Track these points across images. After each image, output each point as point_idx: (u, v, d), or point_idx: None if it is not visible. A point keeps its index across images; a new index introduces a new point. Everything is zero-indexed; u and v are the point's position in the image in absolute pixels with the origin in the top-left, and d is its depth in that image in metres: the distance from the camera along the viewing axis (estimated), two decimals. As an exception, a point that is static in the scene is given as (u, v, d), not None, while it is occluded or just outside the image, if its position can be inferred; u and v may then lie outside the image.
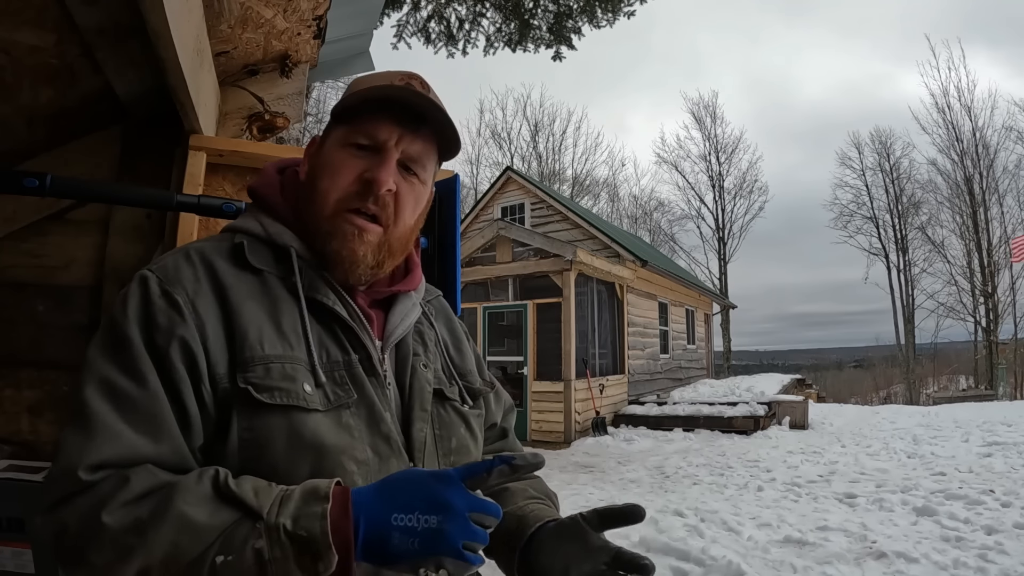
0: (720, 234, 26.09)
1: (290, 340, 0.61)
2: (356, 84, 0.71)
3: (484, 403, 0.82)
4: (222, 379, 0.58)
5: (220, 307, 0.60)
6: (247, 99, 1.69)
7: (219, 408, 0.58)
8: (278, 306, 0.63)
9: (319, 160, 0.69)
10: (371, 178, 0.65)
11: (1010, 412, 9.27)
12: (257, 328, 0.60)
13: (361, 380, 0.64)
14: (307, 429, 0.58)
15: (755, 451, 6.85)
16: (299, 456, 0.57)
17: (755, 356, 47.68)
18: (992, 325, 20.40)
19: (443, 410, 0.72)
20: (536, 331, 8.91)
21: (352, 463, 0.60)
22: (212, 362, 0.57)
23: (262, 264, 0.65)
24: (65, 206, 1.40)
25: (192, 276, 0.61)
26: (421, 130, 0.68)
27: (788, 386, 11.80)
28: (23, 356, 1.34)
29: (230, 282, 0.62)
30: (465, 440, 0.73)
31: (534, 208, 12.12)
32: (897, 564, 3.15)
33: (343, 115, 0.69)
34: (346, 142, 0.67)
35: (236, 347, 0.59)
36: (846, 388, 24.94)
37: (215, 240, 0.69)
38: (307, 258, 0.67)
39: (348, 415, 0.61)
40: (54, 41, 1.12)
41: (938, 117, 22.02)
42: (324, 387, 0.61)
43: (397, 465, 0.63)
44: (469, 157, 28.63)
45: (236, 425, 0.57)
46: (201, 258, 0.63)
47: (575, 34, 5.22)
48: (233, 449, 0.57)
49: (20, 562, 1.06)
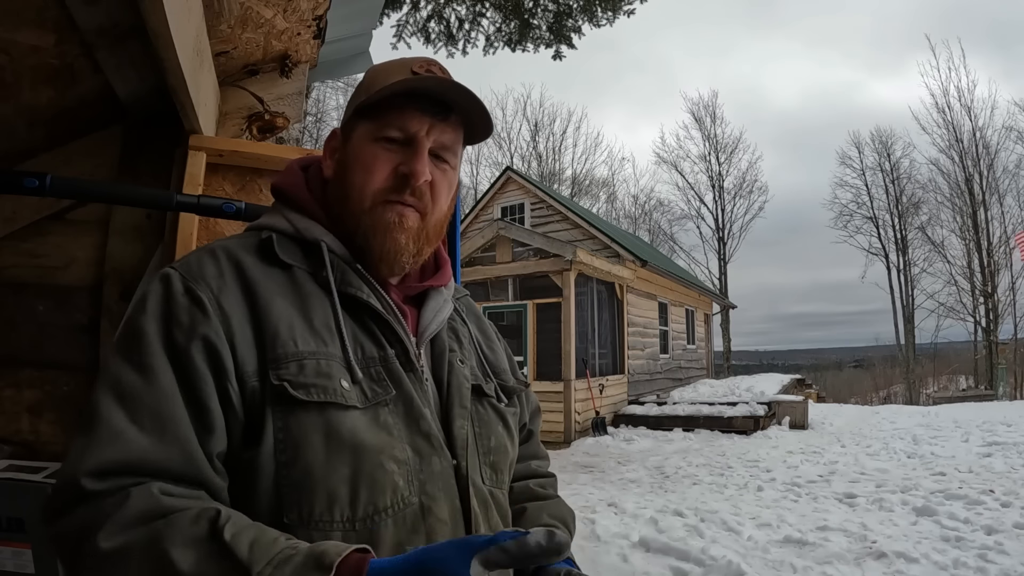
0: (720, 234, 26.10)
1: (323, 336, 0.59)
2: (377, 76, 0.69)
3: (518, 402, 0.81)
4: (251, 377, 0.55)
5: (248, 304, 0.58)
6: (247, 99, 1.69)
7: (249, 409, 0.55)
8: (309, 302, 0.61)
9: (348, 156, 0.68)
10: (408, 171, 0.65)
11: (1010, 412, 9.27)
12: (288, 324, 0.58)
13: (399, 375, 0.62)
14: (345, 428, 0.55)
15: (755, 451, 6.85)
16: (337, 456, 0.55)
17: (755, 356, 47.71)
18: (992, 325, 20.40)
19: (481, 407, 0.70)
20: (536, 331, 8.91)
21: (392, 463, 0.57)
22: (240, 360, 0.55)
23: (292, 259, 0.64)
24: (65, 206, 1.40)
25: (216, 272, 0.59)
26: (449, 118, 0.68)
27: (788, 386, 11.79)
28: (23, 356, 1.34)
29: (258, 278, 0.60)
30: (503, 439, 0.71)
31: (534, 208, 12.12)
32: (897, 564, 3.15)
33: (370, 109, 0.67)
34: (377, 136, 0.66)
35: (267, 344, 0.56)
36: (846, 388, 24.93)
37: (240, 238, 0.67)
38: (338, 252, 0.66)
39: (386, 412, 0.59)
40: (54, 41, 1.12)
41: (938, 117, 22.06)
42: (361, 383, 0.59)
43: (439, 463, 0.61)
44: (469, 157, 28.65)
45: (271, 426, 0.54)
46: (227, 254, 0.61)
47: (575, 33, 5.22)
48: (268, 452, 0.54)
49: (20, 562, 1.06)
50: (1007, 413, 9.14)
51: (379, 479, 0.56)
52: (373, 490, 0.55)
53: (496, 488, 0.68)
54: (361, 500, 0.55)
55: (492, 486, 0.67)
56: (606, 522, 4.13)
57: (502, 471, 0.70)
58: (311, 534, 0.52)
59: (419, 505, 0.58)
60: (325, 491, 0.54)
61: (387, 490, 0.56)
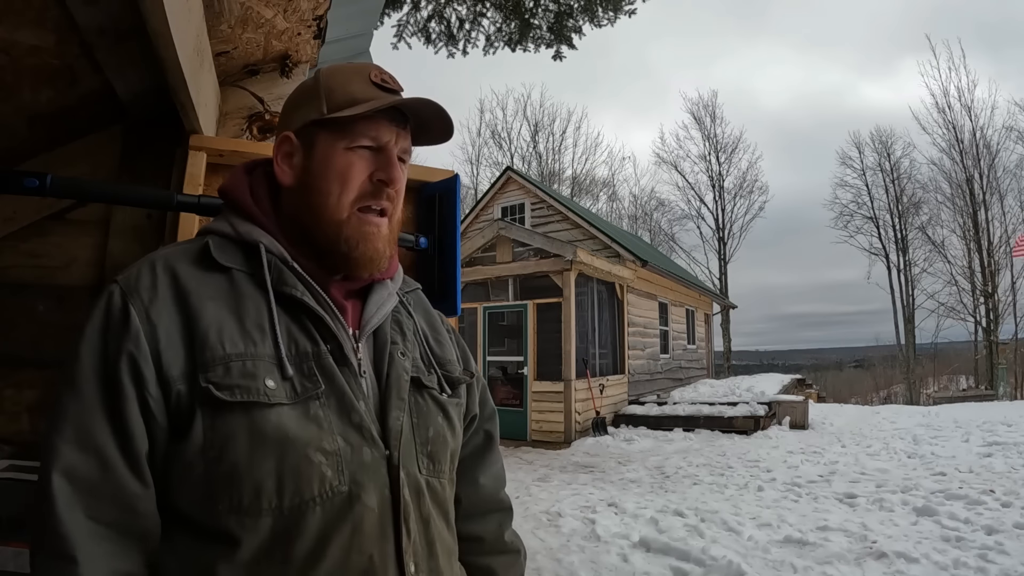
0: (720, 234, 26.09)
1: (254, 336, 0.62)
2: (334, 82, 0.72)
3: (465, 392, 0.83)
4: (177, 381, 0.59)
5: (180, 312, 0.61)
6: (247, 99, 1.70)
7: (176, 411, 0.59)
8: (244, 303, 0.64)
9: (315, 165, 0.70)
10: (386, 178, 0.70)
11: (1010, 412, 9.27)
12: (218, 328, 0.61)
13: (331, 370, 0.64)
14: (269, 424, 0.59)
15: (755, 451, 6.85)
16: (261, 452, 0.58)
17: (755, 356, 47.71)
18: (992, 325, 20.39)
19: (420, 398, 0.72)
20: (536, 331, 8.91)
21: (319, 454, 0.60)
22: (165, 366, 0.59)
23: (230, 262, 0.67)
24: (65, 206, 1.40)
25: (150, 283, 0.62)
26: (407, 125, 0.74)
27: (788, 386, 11.79)
28: (23, 356, 1.34)
29: (192, 286, 0.63)
30: (442, 429, 0.73)
31: (534, 208, 12.12)
32: (897, 564, 3.15)
33: (342, 121, 0.69)
34: (350, 146, 0.69)
35: (197, 349, 0.60)
36: (846, 388, 24.95)
37: (185, 244, 0.70)
38: (276, 253, 0.69)
39: (317, 406, 0.62)
40: (54, 41, 1.12)
41: (938, 117, 22.05)
42: (292, 380, 0.62)
43: (369, 453, 0.64)
44: (469, 157, 28.68)
45: (200, 424, 0.58)
46: (164, 264, 0.65)
47: (575, 33, 5.22)
48: (198, 448, 0.58)
49: (20, 562, 1.06)
50: (1007, 413, 9.13)
51: (304, 470, 0.59)
52: (299, 480, 0.59)
53: (433, 477, 0.71)
54: (287, 490, 0.59)
55: (429, 475, 0.70)
56: (606, 522, 4.13)
57: (441, 460, 0.72)
58: (243, 520, 0.58)
59: (348, 493, 0.61)
60: (251, 483, 0.58)
61: (314, 480, 0.60)
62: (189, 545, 0.59)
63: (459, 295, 1.44)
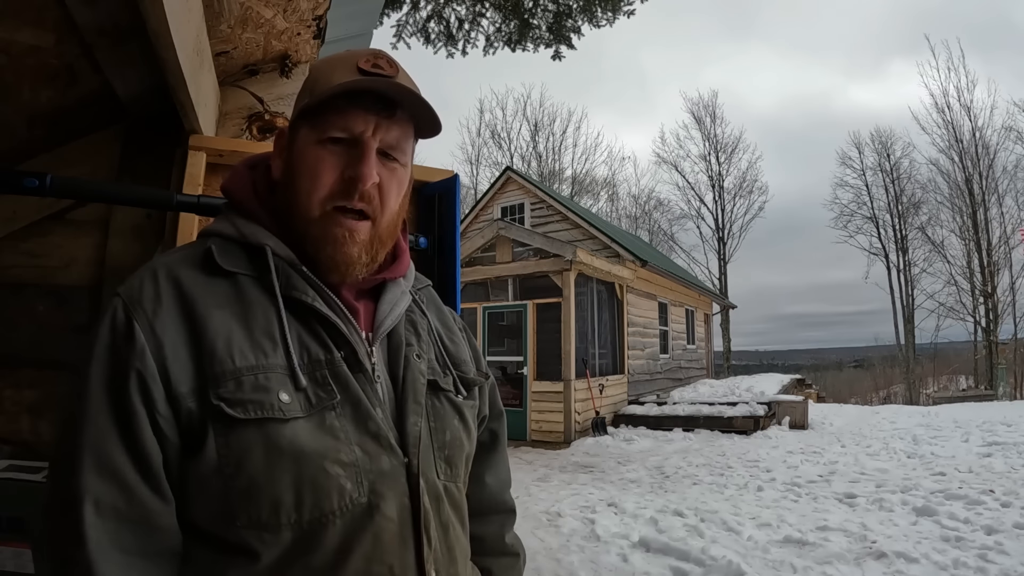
0: (720, 234, 26.10)
1: (264, 347, 0.59)
2: (320, 71, 0.67)
3: (479, 394, 0.81)
4: (186, 398, 0.56)
5: (185, 322, 0.58)
6: (247, 99, 1.70)
7: (187, 428, 0.56)
8: (251, 310, 0.61)
9: (293, 159, 0.66)
10: (354, 175, 0.63)
11: (1010, 412, 9.28)
12: (226, 339, 0.58)
13: (345, 378, 0.62)
14: (284, 439, 0.56)
15: (755, 451, 6.85)
16: (278, 467, 0.56)
17: (755, 356, 47.73)
18: (992, 325, 20.40)
19: (437, 401, 0.70)
20: (536, 331, 8.91)
21: (336, 466, 0.58)
22: (173, 382, 0.56)
23: (235, 266, 0.63)
24: (65, 206, 1.40)
25: (153, 294, 0.59)
26: (396, 114, 0.66)
27: (788, 386, 11.79)
28: (23, 356, 1.34)
29: (197, 293, 0.60)
30: (459, 433, 0.71)
31: (534, 208, 12.12)
32: (897, 564, 3.15)
33: (312, 111, 0.65)
34: (320, 138, 0.64)
35: (205, 362, 0.57)
36: (846, 388, 24.94)
37: (187, 248, 0.67)
38: (283, 256, 0.65)
39: (332, 416, 0.60)
40: (54, 41, 1.12)
41: (937, 117, 22.07)
42: (306, 390, 0.59)
43: (388, 462, 0.61)
44: (469, 157, 28.67)
45: (213, 442, 0.56)
46: (167, 272, 0.61)
47: (574, 33, 5.22)
48: (213, 465, 0.56)
49: (20, 562, 1.06)
50: (1007, 413, 9.14)
51: (322, 483, 0.57)
52: (317, 494, 0.57)
53: (451, 482, 0.68)
54: (306, 504, 0.57)
55: (447, 480, 0.68)
56: (606, 522, 4.13)
57: (457, 465, 0.70)
58: (262, 535, 0.56)
59: (367, 504, 0.59)
60: (269, 498, 0.56)
61: (332, 493, 0.58)
62: (206, 558, 0.57)
63: (459, 295, 1.44)
